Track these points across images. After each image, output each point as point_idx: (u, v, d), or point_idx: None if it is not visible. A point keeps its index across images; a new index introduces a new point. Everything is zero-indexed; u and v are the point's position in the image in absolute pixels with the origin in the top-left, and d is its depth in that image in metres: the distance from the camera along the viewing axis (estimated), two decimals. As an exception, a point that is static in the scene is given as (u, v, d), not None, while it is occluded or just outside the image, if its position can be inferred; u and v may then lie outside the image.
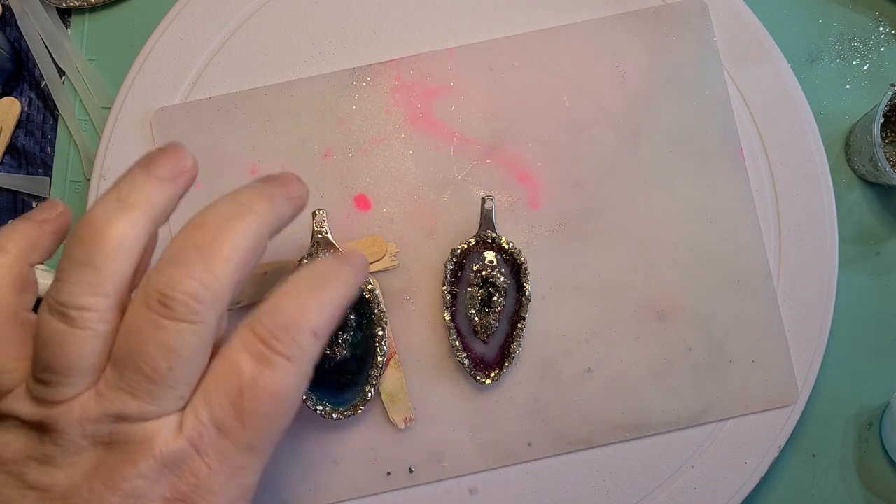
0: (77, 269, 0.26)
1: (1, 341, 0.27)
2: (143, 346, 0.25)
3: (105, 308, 0.26)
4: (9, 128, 0.44)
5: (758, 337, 0.40)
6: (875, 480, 0.42)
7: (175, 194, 0.29)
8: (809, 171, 0.41)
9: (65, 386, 0.26)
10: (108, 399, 0.26)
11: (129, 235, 0.26)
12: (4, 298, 0.28)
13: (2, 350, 0.27)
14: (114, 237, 0.26)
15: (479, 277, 0.38)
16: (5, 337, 0.28)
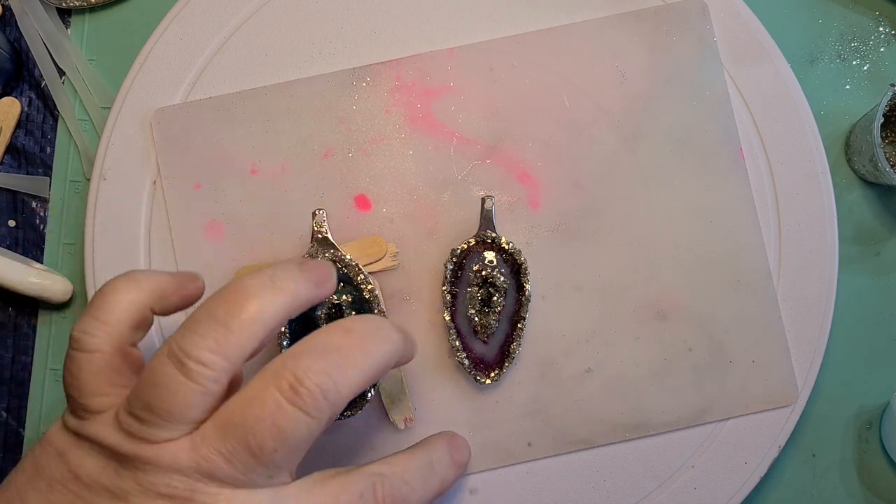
0: (210, 325, 0.26)
1: (105, 366, 0.28)
2: (258, 422, 0.26)
3: (222, 370, 0.26)
4: (9, 128, 0.44)
5: (758, 337, 0.40)
6: (875, 480, 0.42)
7: (313, 298, 0.30)
8: (809, 171, 0.41)
9: (160, 428, 0.26)
10: (202, 456, 0.26)
11: (269, 313, 0.27)
12: (122, 328, 0.29)
13: (104, 374, 0.28)
14: (256, 309, 0.27)
15: (478, 277, 0.38)
16: (110, 363, 0.28)
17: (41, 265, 0.43)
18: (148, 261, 0.41)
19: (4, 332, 0.43)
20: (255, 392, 0.26)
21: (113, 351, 0.29)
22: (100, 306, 0.29)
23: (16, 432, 0.43)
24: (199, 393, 0.26)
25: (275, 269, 0.29)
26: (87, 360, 0.28)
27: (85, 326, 0.29)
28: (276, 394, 0.26)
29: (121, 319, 0.29)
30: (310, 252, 0.38)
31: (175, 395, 0.26)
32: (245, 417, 0.26)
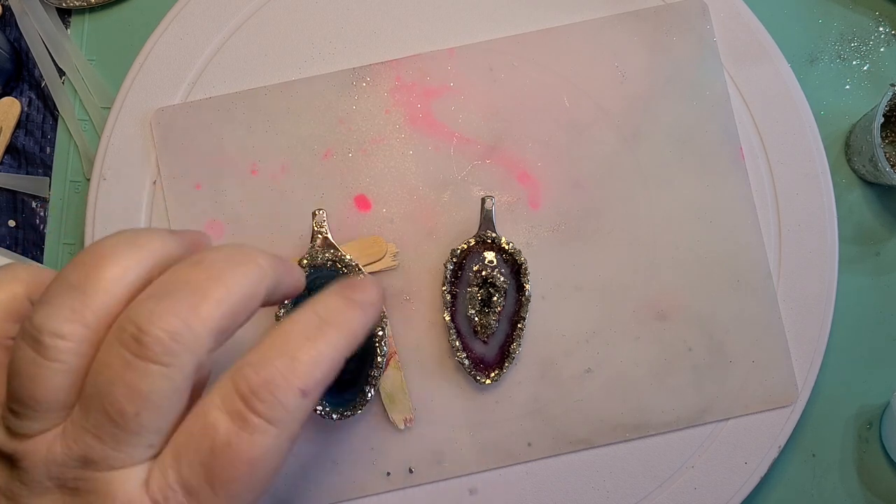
0: (65, 291, 0.23)
1: None
2: (109, 387, 0.23)
3: (82, 339, 0.23)
4: (9, 128, 0.44)
5: (758, 337, 0.40)
6: (875, 480, 0.42)
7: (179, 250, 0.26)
8: (809, 171, 0.41)
9: (32, 420, 0.23)
10: (73, 440, 0.23)
11: (129, 267, 0.24)
12: (2, 328, 0.26)
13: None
14: (114, 268, 0.24)
15: (478, 278, 0.38)
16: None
17: (41, 265, 0.43)
18: (148, 261, 0.41)
19: (4, 332, 0.43)
20: (103, 355, 0.23)
21: None
22: None
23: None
24: (60, 372, 0.23)
25: (136, 230, 0.26)
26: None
27: None
28: (123, 351, 0.22)
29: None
30: (310, 252, 0.38)
31: (35, 379, 0.23)
32: (98, 386, 0.23)
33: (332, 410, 0.37)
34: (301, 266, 0.37)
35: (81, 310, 0.23)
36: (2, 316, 0.26)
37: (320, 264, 0.38)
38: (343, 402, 0.38)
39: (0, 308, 0.26)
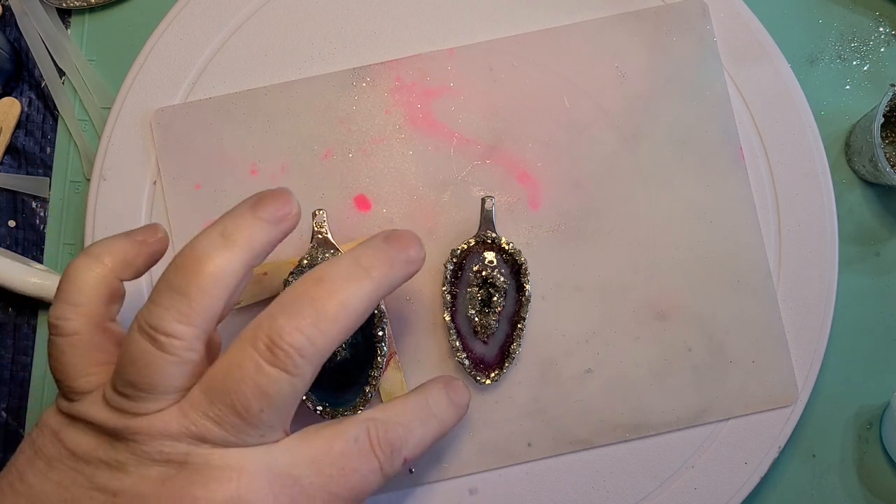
0: (171, 295, 0.27)
1: (85, 347, 0.29)
2: (240, 384, 0.26)
3: (192, 338, 0.27)
4: (9, 128, 0.44)
5: (758, 337, 0.40)
6: (875, 480, 0.42)
7: (275, 238, 0.30)
8: (809, 171, 0.41)
9: (146, 402, 0.27)
10: (192, 422, 0.27)
11: (225, 271, 0.27)
12: (95, 307, 0.29)
13: (86, 355, 0.29)
14: (211, 271, 0.27)
15: (478, 278, 0.38)
16: (90, 343, 0.29)
17: (41, 265, 0.43)
18: (148, 261, 0.41)
19: (4, 332, 0.43)
20: (234, 356, 0.27)
21: (91, 331, 0.29)
22: (68, 290, 0.29)
23: (16, 432, 0.43)
24: (174, 363, 0.26)
25: (224, 221, 0.28)
26: (67, 343, 0.29)
27: (59, 312, 0.29)
28: (255, 355, 0.26)
29: (91, 298, 0.29)
30: (310, 252, 0.38)
31: (152, 369, 0.26)
32: (228, 382, 0.26)
33: (333, 411, 0.37)
34: (301, 266, 0.37)
35: (189, 313, 0.26)
36: (98, 302, 0.29)
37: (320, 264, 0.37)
38: (343, 402, 0.38)
39: (95, 294, 0.29)
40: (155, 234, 0.32)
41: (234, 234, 0.28)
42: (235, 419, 0.26)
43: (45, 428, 0.29)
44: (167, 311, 0.26)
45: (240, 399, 0.26)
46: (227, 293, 0.27)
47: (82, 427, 0.28)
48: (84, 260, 0.30)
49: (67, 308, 0.29)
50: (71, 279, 0.29)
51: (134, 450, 0.27)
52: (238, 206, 0.29)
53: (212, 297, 0.27)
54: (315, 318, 0.27)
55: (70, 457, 0.27)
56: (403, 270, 0.30)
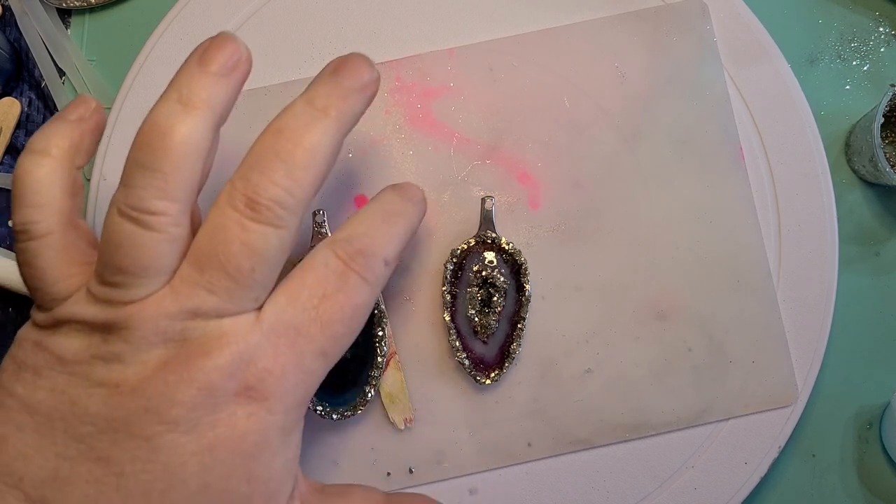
0: (145, 174, 0.26)
1: (59, 248, 0.28)
2: (227, 246, 0.26)
3: (176, 212, 0.26)
4: (9, 128, 0.44)
5: (758, 337, 0.40)
6: (875, 480, 0.42)
7: (234, 89, 0.29)
8: (809, 171, 0.41)
9: (137, 287, 0.26)
10: (184, 296, 0.26)
11: (194, 138, 0.27)
12: (59, 203, 0.28)
13: (63, 255, 0.28)
14: (179, 141, 0.26)
15: (478, 278, 0.38)
16: (63, 243, 0.28)
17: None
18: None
19: (4, 332, 0.43)
20: (216, 220, 0.26)
21: (63, 229, 0.28)
22: (25, 192, 0.27)
23: (16, 432, 0.43)
24: (164, 241, 0.26)
25: (177, 85, 0.28)
26: (41, 246, 0.27)
27: (24, 217, 0.27)
28: (236, 215, 0.26)
29: (53, 194, 0.28)
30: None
31: (142, 250, 0.25)
32: (215, 246, 0.26)
33: (332, 410, 0.37)
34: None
35: (167, 188, 0.26)
36: (61, 196, 0.28)
37: (320, 264, 0.38)
38: (343, 402, 0.38)
39: (55, 189, 0.28)
40: (88, 107, 0.30)
41: (191, 99, 0.27)
42: (228, 282, 0.26)
43: (24, 342, 0.27)
44: (145, 190, 0.25)
45: (230, 260, 0.26)
46: (200, 161, 0.27)
47: (67, 331, 0.27)
48: (30, 157, 0.28)
49: (32, 211, 0.27)
50: (25, 181, 0.28)
51: (129, 338, 0.26)
52: (185, 65, 0.28)
53: (186, 168, 0.26)
54: (286, 170, 0.26)
55: (59, 362, 0.26)
56: (361, 98, 0.29)
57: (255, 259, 0.26)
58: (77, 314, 0.26)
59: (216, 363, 0.26)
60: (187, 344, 0.26)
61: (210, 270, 0.26)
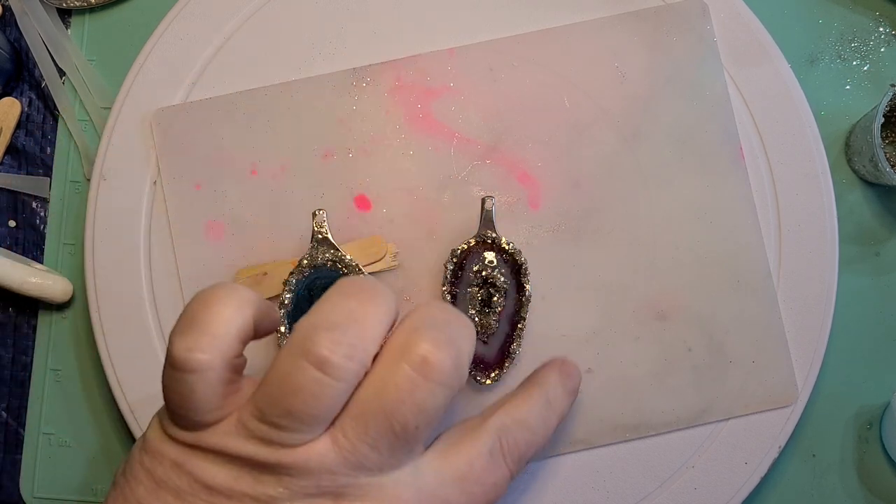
0: (347, 319, 0.26)
1: (217, 382, 0.27)
2: (399, 405, 0.26)
3: (362, 362, 0.26)
4: (9, 128, 0.44)
5: (758, 337, 0.40)
6: (875, 480, 0.42)
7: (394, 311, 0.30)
8: (809, 171, 0.41)
9: (302, 432, 0.26)
10: (348, 450, 0.26)
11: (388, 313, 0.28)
12: (230, 343, 0.27)
13: (218, 391, 0.27)
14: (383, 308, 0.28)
15: (479, 278, 0.38)
16: (221, 378, 0.27)
17: (41, 265, 0.43)
18: (148, 261, 0.41)
19: (4, 332, 0.43)
20: (388, 376, 0.26)
21: (223, 365, 0.27)
22: (206, 319, 0.26)
23: (16, 432, 0.43)
24: (342, 391, 0.26)
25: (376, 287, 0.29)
26: (197, 380, 0.26)
27: (191, 343, 0.26)
28: (411, 373, 0.26)
29: (229, 332, 0.27)
30: (310, 252, 0.38)
31: (320, 397, 0.25)
32: (383, 402, 0.26)
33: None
34: (301, 266, 0.37)
35: (363, 338, 0.26)
36: (235, 337, 0.27)
37: (320, 264, 0.38)
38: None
39: (233, 329, 0.27)
40: (276, 312, 0.32)
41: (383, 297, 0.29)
42: (392, 440, 0.26)
43: (161, 457, 0.27)
44: (343, 334, 0.26)
45: (398, 418, 0.26)
46: (388, 328, 0.28)
47: (214, 458, 0.26)
48: (226, 290, 0.27)
49: (203, 339, 0.26)
50: (210, 307, 0.27)
51: (287, 484, 0.26)
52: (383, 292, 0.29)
53: (382, 328, 0.27)
54: (456, 334, 0.28)
55: (205, 490, 0.26)
56: None
57: (422, 417, 0.26)
58: (230, 447, 0.26)
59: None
60: (343, 499, 0.26)
61: (376, 427, 0.26)
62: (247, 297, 0.28)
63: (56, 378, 0.43)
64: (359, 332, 0.26)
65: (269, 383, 0.26)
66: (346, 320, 0.26)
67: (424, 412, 0.26)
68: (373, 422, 0.26)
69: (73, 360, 0.43)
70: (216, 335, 0.26)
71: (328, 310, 0.27)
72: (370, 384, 0.27)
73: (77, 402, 0.42)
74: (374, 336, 0.27)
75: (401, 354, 0.27)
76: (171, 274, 0.40)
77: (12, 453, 0.42)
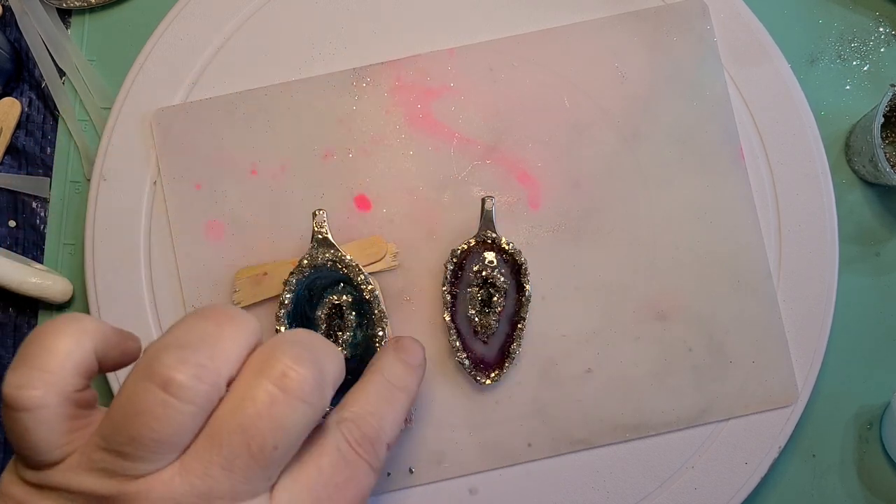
0: (202, 336, 0.25)
1: (55, 419, 0.25)
2: (255, 420, 0.24)
3: (213, 384, 0.24)
4: (9, 128, 0.44)
5: (758, 337, 0.40)
6: (875, 480, 0.42)
7: None
8: (809, 172, 0.41)
9: (148, 461, 0.24)
10: (197, 476, 0.24)
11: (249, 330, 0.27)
12: (66, 379, 0.25)
13: (56, 428, 0.25)
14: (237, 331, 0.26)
15: (479, 278, 0.38)
16: (59, 415, 0.25)
17: (41, 265, 0.43)
18: (148, 261, 0.41)
19: (4, 332, 0.43)
20: (245, 390, 0.24)
21: (60, 402, 0.24)
22: (37, 353, 0.24)
23: (16, 432, 0.42)
24: (191, 414, 0.23)
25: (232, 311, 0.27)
26: (31, 418, 0.24)
27: (22, 379, 0.24)
28: (270, 386, 0.24)
29: (64, 366, 0.24)
30: (310, 252, 0.38)
31: (164, 420, 0.23)
32: (239, 418, 0.24)
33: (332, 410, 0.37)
34: (301, 266, 0.37)
35: (214, 358, 0.24)
36: (71, 372, 0.25)
37: (320, 264, 0.38)
38: (343, 402, 0.38)
39: (68, 362, 0.25)
40: (135, 340, 0.29)
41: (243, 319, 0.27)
42: (248, 461, 0.24)
43: (8, 500, 0.25)
44: (195, 352, 0.24)
45: (254, 436, 0.24)
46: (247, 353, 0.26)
47: (57, 497, 0.24)
48: (65, 321, 0.25)
49: (33, 374, 0.24)
50: (42, 340, 0.25)
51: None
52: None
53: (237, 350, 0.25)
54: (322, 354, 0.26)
55: None
56: None
57: (281, 436, 0.24)
58: (72, 483, 0.24)
59: None
60: None
61: (229, 446, 0.24)
62: (88, 327, 0.25)
63: (56, 378, 0.43)
64: (210, 353, 0.24)
65: (114, 408, 0.24)
66: (197, 341, 0.24)
67: (283, 429, 0.24)
68: (227, 440, 0.24)
69: (73, 360, 0.43)
70: (48, 370, 0.24)
71: (180, 331, 0.25)
72: (226, 402, 0.24)
73: (77, 402, 0.42)
74: (228, 357, 0.25)
75: (260, 370, 0.25)
76: (171, 274, 0.40)
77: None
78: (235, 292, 0.40)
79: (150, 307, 0.40)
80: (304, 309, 0.38)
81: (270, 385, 0.24)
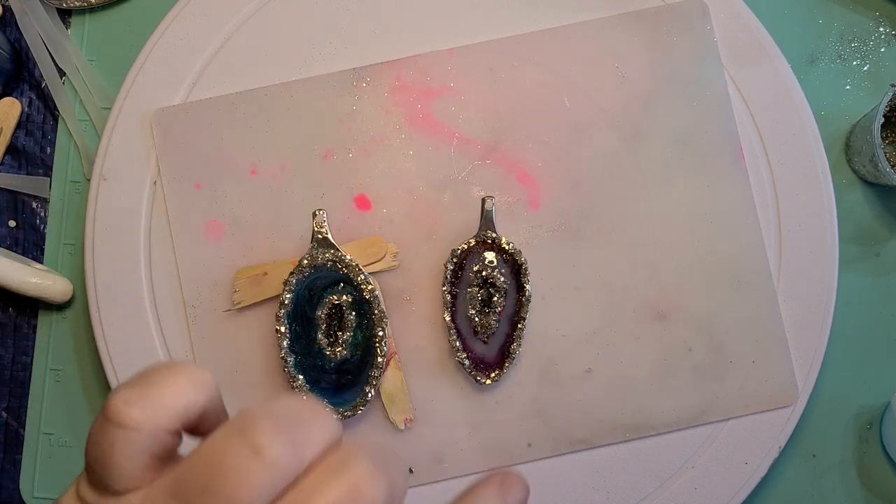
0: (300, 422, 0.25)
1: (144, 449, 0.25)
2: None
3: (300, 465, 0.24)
4: (9, 128, 0.44)
5: (758, 337, 0.40)
6: (875, 480, 0.42)
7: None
8: (809, 172, 0.41)
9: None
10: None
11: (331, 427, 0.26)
12: (171, 414, 0.25)
13: (140, 459, 0.25)
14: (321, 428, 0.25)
15: (479, 278, 0.38)
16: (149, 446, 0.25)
17: (41, 265, 0.43)
18: (148, 261, 0.41)
19: (4, 332, 0.43)
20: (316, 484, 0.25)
21: (153, 432, 0.25)
22: (156, 381, 0.25)
23: (16, 432, 0.43)
24: (272, 486, 0.24)
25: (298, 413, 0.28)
26: (122, 436, 0.25)
27: (132, 397, 0.25)
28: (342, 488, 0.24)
29: (175, 403, 0.25)
30: (310, 252, 0.38)
31: (247, 482, 0.23)
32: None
33: (332, 410, 0.37)
34: (301, 266, 0.37)
35: (306, 439, 0.24)
36: (181, 410, 0.26)
37: (320, 264, 0.38)
38: (343, 402, 0.38)
39: (182, 404, 0.26)
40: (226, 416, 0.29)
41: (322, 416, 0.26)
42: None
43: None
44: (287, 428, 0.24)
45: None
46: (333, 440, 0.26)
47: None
48: (192, 368, 0.26)
49: (144, 396, 0.25)
50: (164, 373, 0.26)
51: None
52: None
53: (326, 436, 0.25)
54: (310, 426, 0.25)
55: None
56: None
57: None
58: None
59: None
60: None
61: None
62: (209, 382, 0.26)
63: (56, 378, 0.43)
64: (304, 433, 0.24)
65: (194, 457, 0.24)
66: (294, 419, 0.24)
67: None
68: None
69: (73, 360, 0.43)
70: (160, 399, 0.25)
71: (277, 406, 0.25)
72: (298, 489, 0.24)
73: (77, 402, 0.42)
74: (317, 441, 0.25)
75: (337, 470, 0.24)
76: (171, 274, 0.40)
77: (12, 453, 0.42)
78: (235, 292, 0.40)
79: (150, 307, 0.40)
80: (304, 309, 0.38)
81: (344, 489, 0.24)
